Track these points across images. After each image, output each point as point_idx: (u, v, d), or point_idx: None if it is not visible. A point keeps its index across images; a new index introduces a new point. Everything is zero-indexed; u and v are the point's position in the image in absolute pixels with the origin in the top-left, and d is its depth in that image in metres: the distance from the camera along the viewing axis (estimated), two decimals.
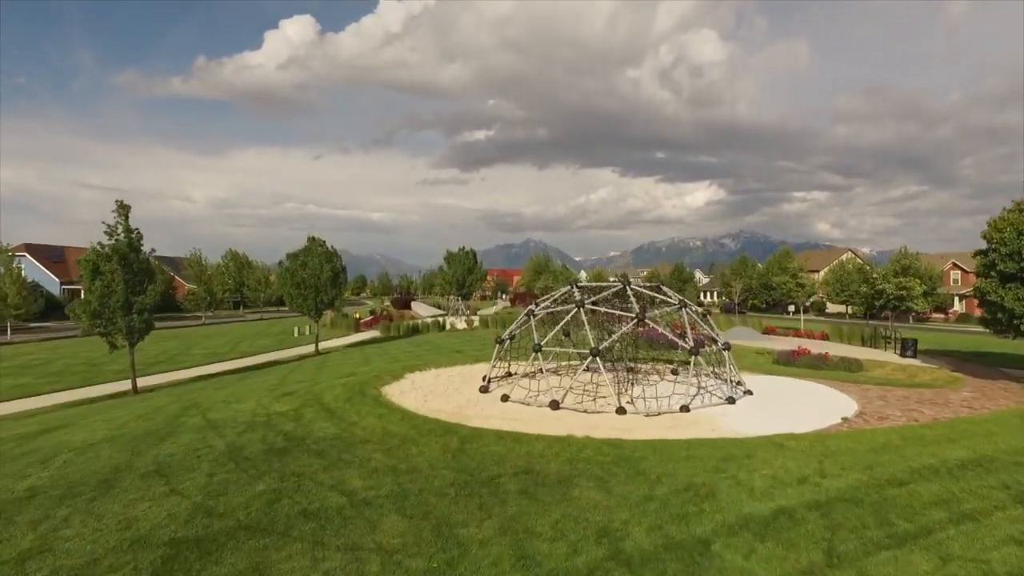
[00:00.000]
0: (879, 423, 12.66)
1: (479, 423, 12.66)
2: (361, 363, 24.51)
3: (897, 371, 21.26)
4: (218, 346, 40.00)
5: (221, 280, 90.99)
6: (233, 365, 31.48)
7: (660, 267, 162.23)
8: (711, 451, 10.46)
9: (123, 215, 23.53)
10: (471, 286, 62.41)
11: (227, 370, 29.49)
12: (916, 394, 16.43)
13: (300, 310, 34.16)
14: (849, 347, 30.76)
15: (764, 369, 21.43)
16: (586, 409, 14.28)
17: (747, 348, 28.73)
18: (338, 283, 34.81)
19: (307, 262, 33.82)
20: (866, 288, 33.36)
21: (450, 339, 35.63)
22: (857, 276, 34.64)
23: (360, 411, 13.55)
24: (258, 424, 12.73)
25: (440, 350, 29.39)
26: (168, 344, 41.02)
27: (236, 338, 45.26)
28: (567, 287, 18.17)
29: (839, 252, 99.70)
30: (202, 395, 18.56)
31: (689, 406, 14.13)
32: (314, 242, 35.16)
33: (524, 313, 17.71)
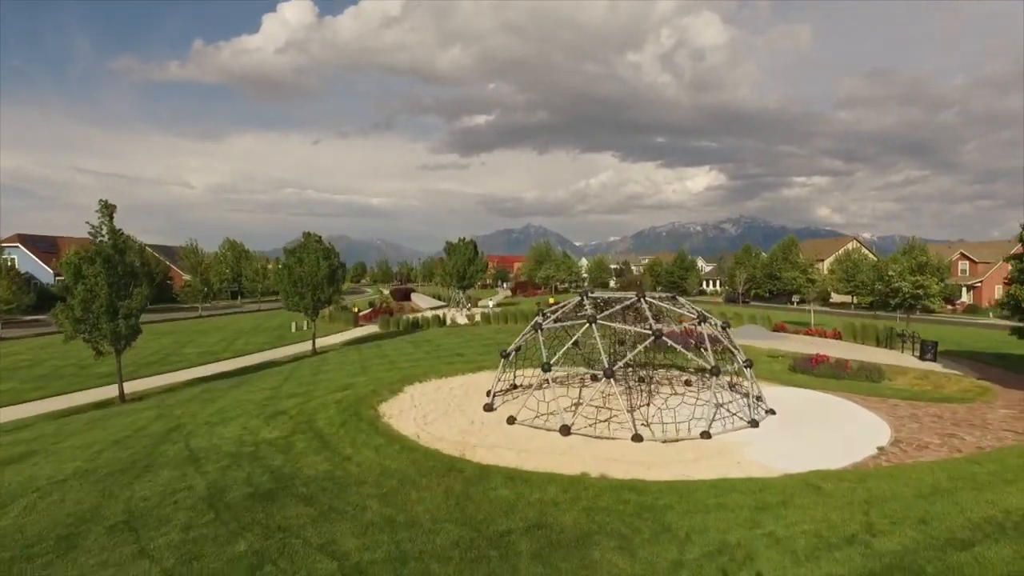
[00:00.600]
0: (919, 454, 11.63)
1: (484, 455, 11.64)
2: (358, 370, 23.46)
3: (920, 380, 20.24)
4: (213, 343, 38.98)
5: (218, 270, 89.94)
6: (227, 366, 30.45)
7: (662, 255, 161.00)
8: (742, 497, 9.43)
9: (107, 215, 22.36)
10: (472, 277, 61.21)
11: (220, 372, 28.47)
12: (948, 412, 15.41)
13: (297, 309, 33.09)
14: (864, 349, 29.74)
15: (782, 378, 20.40)
16: (599, 434, 13.26)
17: (759, 350, 27.69)
18: (335, 280, 33.69)
19: (303, 259, 32.70)
20: (881, 286, 32.20)
21: (451, 338, 34.58)
22: (871, 273, 33.42)
23: (355, 440, 12.51)
24: (244, 456, 11.70)
25: (440, 352, 28.37)
26: (162, 341, 40.01)
27: (232, 334, 44.22)
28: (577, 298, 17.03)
29: (843, 241, 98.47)
30: (188, 410, 17.54)
31: (710, 431, 13.10)
32: (310, 238, 34.02)
33: (531, 326, 16.62)
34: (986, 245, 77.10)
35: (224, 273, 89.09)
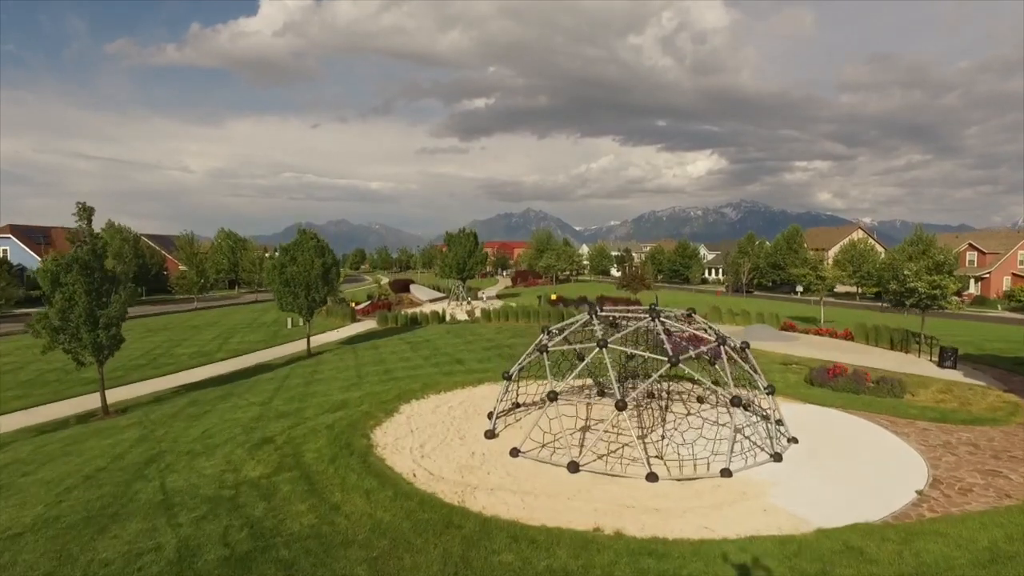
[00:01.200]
0: (964, 500, 10.60)
1: (485, 502, 10.60)
2: (352, 381, 22.41)
3: (944, 394, 19.19)
4: (206, 342, 37.93)
5: (215, 260, 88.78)
6: (219, 369, 29.44)
7: (664, 242, 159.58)
8: (776, 564, 8.38)
9: (85, 218, 21.19)
10: (471, 269, 60.16)
11: (212, 377, 27.46)
12: (983, 438, 14.38)
13: (290, 309, 31.99)
14: (878, 352, 28.69)
15: (799, 392, 19.36)
16: (610, 470, 12.22)
17: (771, 355, 26.63)
18: (330, 279, 32.57)
19: (297, 257, 31.54)
20: (896, 286, 31.07)
21: (450, 338, 33.50)
22: (887, 272, 32.27)
23: (345, 481, 11.45)
24: (222, 503, 10.65)
25: (439, 357, 27.31)
26: (155, 339, 38.96)
27: (227, 331, 43.17)
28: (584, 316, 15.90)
29: (848, 229, 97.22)
30: (172, 431, 16.52)
31: (731, 469, 12.05)
32: (304, 235, 32.84)
33: (535, 346, 15.53)
34: (994, 235, 75.87)
35: (221, 263, 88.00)
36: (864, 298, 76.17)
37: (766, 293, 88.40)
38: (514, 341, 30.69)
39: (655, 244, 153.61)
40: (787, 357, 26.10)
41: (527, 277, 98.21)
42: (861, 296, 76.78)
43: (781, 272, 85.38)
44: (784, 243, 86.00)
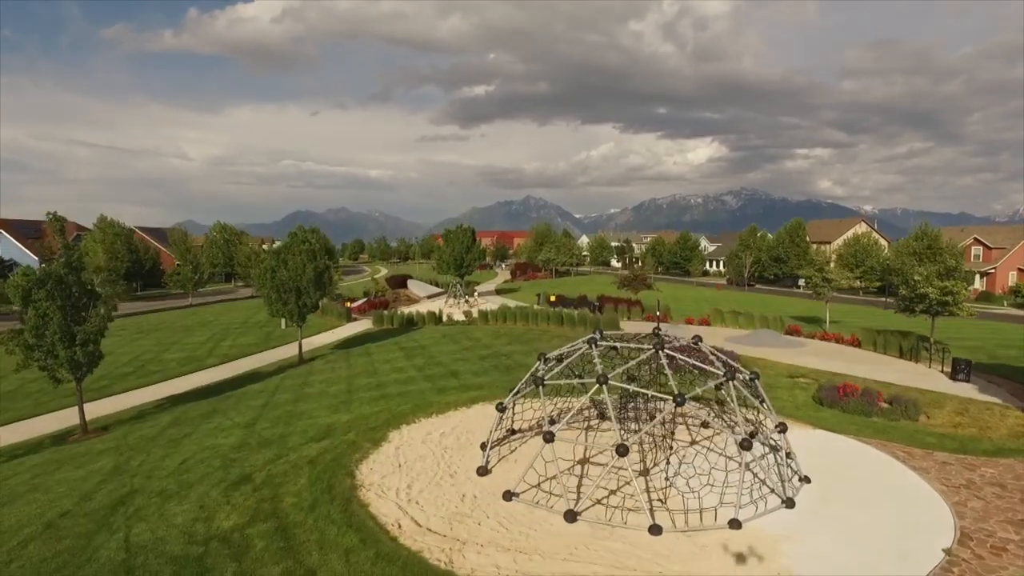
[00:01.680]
0: (997, 561, 9.73)
1: (475, 561, 9.73)
2: (342, 398, 21.53)
3: (960, 415, 18.32)
4: (197, 345, 37.04)
5: (210, 254, 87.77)
6: (208, 377, 28.61)
7: (664, 234, 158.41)
8: None
9: (58, 228, 20.23)
10: (469, 266, 59.11)
11: (200, 388, 26.62)
12: (1009, 473, 13.52)
13: (280, 315, 31.06)
14: (887, 362, 27.80)
15: (808, 414, 18.47)
16: (610, 519, 11.34)
17: (777, 366, 25.74)
18: (323, 284, 31.62)
19: (287, 260, 30.56)
20: (905, 291, 30.12)
21: (446, 344, 32.58)
22: (896, 277, 31.32)
23: (324, 536, 10.56)
24: (189, 564, 9.77)
25: (433, 367, 26.42)
26: (144, 343, 38.07)
27: (219, 332, 42.27)
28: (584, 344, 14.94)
29: (851, 222, 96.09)
30: (148, 460, 15.66)
31: (740, 519, 11.16)
32: (296, 237, 31.85)
33: (529, 376, 14.61)
34: (1000, 229, 74.85)
35: (216, 258, 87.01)
36: (867, 292, 75.27)
37: (767, 287, 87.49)
38: (512, 349, 29.79)
39: (655, 235, 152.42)
40: (794, 369, 25.21)
41: (526, 270, 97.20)
42: (864, 291, 75.85)
43: (783, 266, 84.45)
44: (786, 236, 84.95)
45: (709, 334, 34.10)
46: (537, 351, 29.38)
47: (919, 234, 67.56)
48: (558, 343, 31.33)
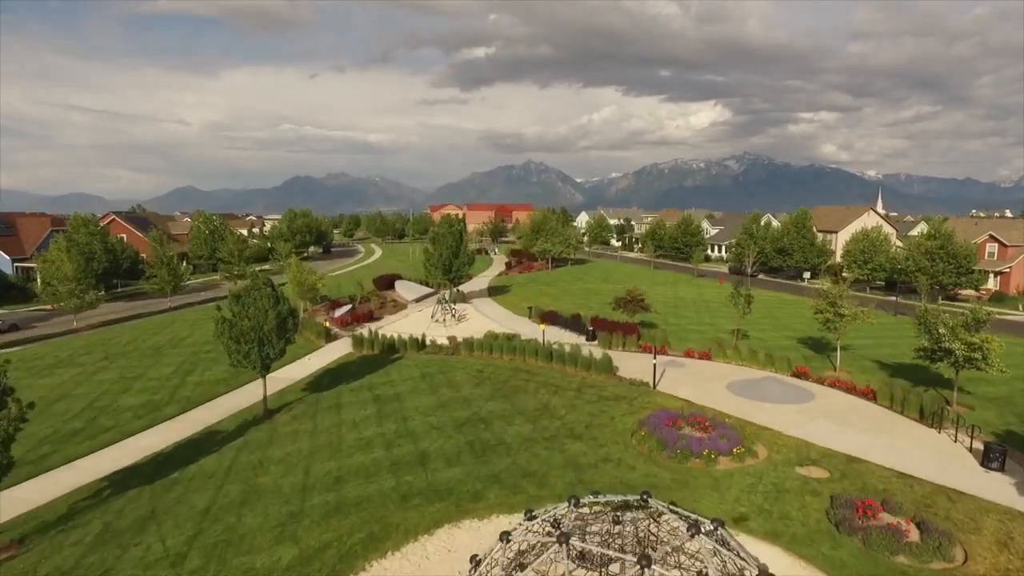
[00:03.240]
0: None
1: None
2: (298, 491, 19.08)
3: (1005, 549, 15.82)
4: (161, 382, 34.48)
5: (194, 246, 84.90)
6: (162, 438, 26.21)
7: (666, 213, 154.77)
8: None
9: None
10: (459, 271, 56.30)
11: (150, 454, 24.26)
12: None
13: (241, 366, 28.44)
14: (907, 427, 25.27)
15: (821, 553, 15.92)
16: None
17: (783, 441, 23.19)
18: (286, 331, 28.90)
19: (248, 307, 27.82)
20: (928, 343, 27.45)
21: (423, 396, 29.86)
22: (919, 328, 28.59)
23: None
24: None
25: (403, 442, 23.91)
26: (105, 377, 35.50)
27: (189, 358, 39.69)
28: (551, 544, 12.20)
29: (858, 210, 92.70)
30: None
31: None
32: (257, 279, 29.02)
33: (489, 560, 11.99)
34: (1017, 224, 71.72)
35: (199, 250, 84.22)
36: (874, 288, 72.51)
37: (770, 278, 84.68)
38: (492, 409, 27.17)
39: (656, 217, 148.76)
40: (803, 448, 22.63)
41: (522, 259, 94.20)
42: (871, 286, 73.09)
43: (788, 258, 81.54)
44: (792, 227, 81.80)
45: (709, 376, 31.53)
46: (520, 412, 27.03)
47: (932, 232, 64.54)
48: (544, 395, 28.84)
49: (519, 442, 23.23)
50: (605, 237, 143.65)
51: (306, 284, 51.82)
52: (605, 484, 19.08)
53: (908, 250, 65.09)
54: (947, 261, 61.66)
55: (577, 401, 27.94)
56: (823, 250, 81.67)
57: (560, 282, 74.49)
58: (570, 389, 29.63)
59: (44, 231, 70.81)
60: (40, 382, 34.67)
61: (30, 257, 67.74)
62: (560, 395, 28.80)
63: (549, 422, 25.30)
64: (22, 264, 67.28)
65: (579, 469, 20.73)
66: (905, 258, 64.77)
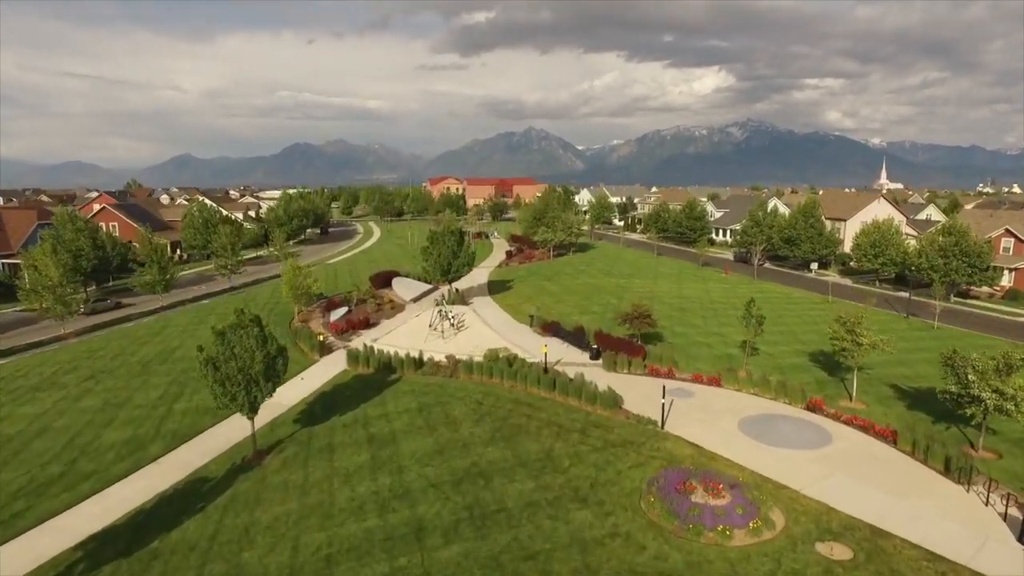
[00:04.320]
0: None
1: None
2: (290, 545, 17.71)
3: None
4: (148, 409, 33.10)
5: (188, 234, 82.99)
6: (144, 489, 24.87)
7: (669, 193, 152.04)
8: None
9: None
10: (457, 271, 54.54)
11: (129, 512, 22.93)
12: None
13: (228, 409, 26.91)
14: (930, 480, 23.90)
15: None
16: None
17: (801, 505, 21.79)
18: (276, 371, 27.29)
19: (235, 346, 26.16)
20: (955, 388, 25.89)
21: (420, 438, 28.36)
22: (945, 369, 26.94)
23: None
24: None
25: (398, 506, 22.50)
26: (89, 403, 34.10)
27: (179, 376, 38.21)
28: None
29: (869, 197, 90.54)
30: None
31: None
32: (243, 316, 27.26)
33: None
34: None
35: (193, 240, 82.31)
36: (884, 282, 70.79)
37: (776, 267, 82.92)
38: (492, 459, 25.71)
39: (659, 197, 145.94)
40: (822, 513, 21.23)
41: (523, 246, 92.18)
42: (880, 280, 71.35)
43: (796, 248, 79.62)
44: (801, 216, 79.66)
45: (719, 410, 29.96)
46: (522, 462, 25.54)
47: (946, 228, 62.46)
48: (548, 439, 27.37)
49: (521, 507, 21.82)
50: (607, 217, 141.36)
51: (301, 288, 50.13)
52: (612, 573, 17.73)
53: (921, 246, 63.09)
54: (961, 258, 59.75)
55: (582, 447, 26.50)
56: (832, 240, 79.68)
57: (562, 276, 72.69)
58: (574, 430, 28.16)
59: (31, 225, 68.77)
60: (20, 410, 33.32)
61: (16, 253, 65.85)
62: (564, 438, 27.34)
63: (552, 478, 23.87)
64: (8, 260, 65.40)
65: (585, 548, 19.33)
66: (918, 254, 62.82)
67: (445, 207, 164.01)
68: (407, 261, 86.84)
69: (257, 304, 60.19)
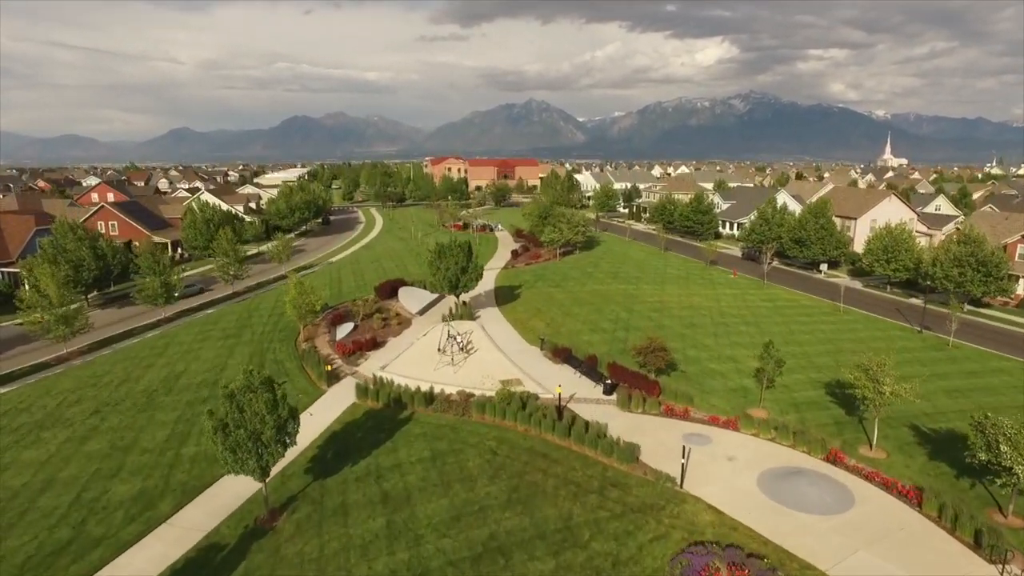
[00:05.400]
0: None
1: None
2: None
3: None
4: (156, 453, 32.60)
5: (189, 234, 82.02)
6: (154, 554, 24.43)
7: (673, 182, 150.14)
8: None
9: None
10: (466, 285, 53.64)
11: None
12: None
13: (239, 473, 26.23)
14: (957, 555, 23.36)
15: None
16: None
17: None
18: (287, 433, 26.59)
19: (245, 409, 25.41)
20: (984, 454, 25.27)
21: (435, 498, 27.91)
22: (975, 434, 26.23)
23: None
24: None
25: (422, 545, 22.00)
26: (94, 448, 33.54)
27: (185, 411, 37.65)
28: None
29: (879, 195, 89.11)
30: None
31: None
32: (252, 377, 26.41)
33: None
34: None
35: (195, 240, 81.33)
36: (895, 286, 69.88)
37: (785, 266, 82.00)
38: (510, 528, 25.16)
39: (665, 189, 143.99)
40: None
41: (528, 244, 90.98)
42: (891, 285, 70.46)
43: (806, 250, 78.61)
44: (811, 217, 78.49)
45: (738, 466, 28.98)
46: (540, 534, 24.96)
47: (963, 237, 61.35)
48: (565, 502, 26.81)
49: None
50: (612, 205, 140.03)
51: (305, 307, 49.34)
52: None
53: (936, 255, 62.08)
54: (976, 268, 58.84)
55: (601, 512, 25.97)
56: (842, 241, 78.65)
57: (569, 280, 71.77)
58: (592, 490, 27.61)
59: (29, 231, 67.62)
60: (25, 455, 32.78)
61: (15, 260, 64.88)
62: (582, 501, 26.80)
63: (573, 555, 23.35)
64: (7, 269, 64.45)
65: None
66: (932, 262, 61.87)
67: (447, 194, 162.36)
68: (411, 260, 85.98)
69: (261, 315, 59.51)
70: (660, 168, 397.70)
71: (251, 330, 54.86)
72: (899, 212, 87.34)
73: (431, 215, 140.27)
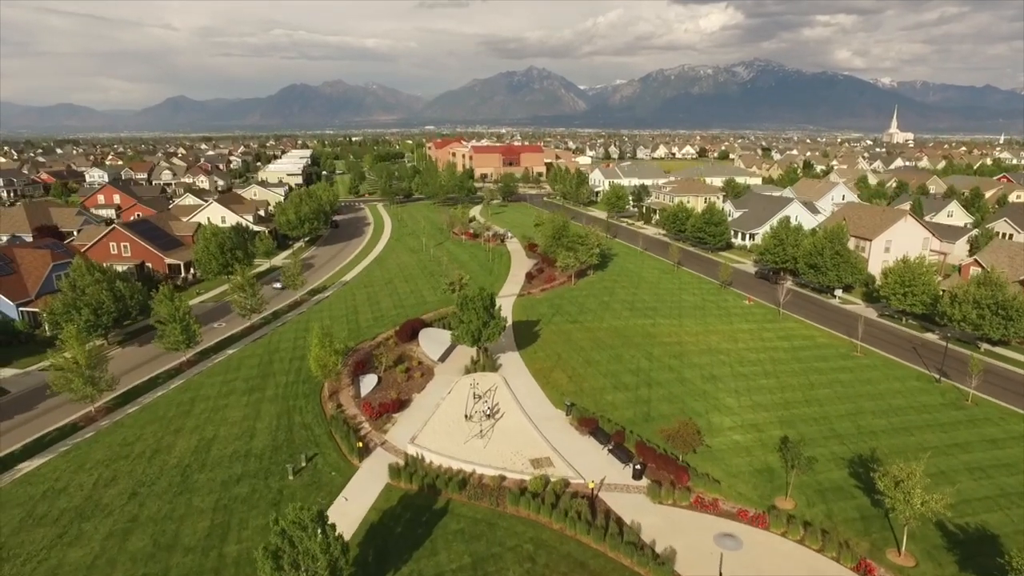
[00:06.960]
0: None
1: None
2: None
3: None
4: (197, 558, 33.16)
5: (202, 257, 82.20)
6: None
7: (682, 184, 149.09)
8: None
9: None
10: (489, 339, 53.92)
11: None
12: None
13: None
14: None
15: None
16: None
17: None
18: (339, 570, 27.08)
19: (297, 551, 25.88)
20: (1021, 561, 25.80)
21: None
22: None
23: None
24: None
25: None
26: (135, 550, 34.02)
27: (223, 502, 38.15)
28: None
29: (896, 214, 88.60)
30: None
31: None
32: (302, 514, 26.77)
33: None
34: None
35: (209, 265, 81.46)
36: (911, 316, 70.04)
37: (798, 289, 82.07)
38: None
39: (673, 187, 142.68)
40: None
41: (543, 265, 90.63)
42: (908, 318, 70.66)
43: (821, 276, 78.71)
44: (827, 241, 78.36)
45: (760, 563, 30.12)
46: None
47: (983, 279, 61.36)
48: None
49: None
50: (621, 206, 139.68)
51: (328, 366, 49.71)
52: None
53: (955, 295, 62.21)
54: (995, 312, 59.09)
55: None
56: (858, 267, 78.67)
57: (586, 313, 71.95)
58: None
59: (46, 267, 67.51)
60: (71, 555, 33.10)
61: (34, 299, 65.01)
62: None
63: None
64: (26, 308, 64.56)
65: None
66: (950, 302, 62.08)
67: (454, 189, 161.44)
68: (424, 282, 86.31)
69: (282, 358, 59.85)
70: (664, 148, 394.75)
71: (274, 380, 55.21)
72: (914, 231, 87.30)
73: (439, 214, 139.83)
